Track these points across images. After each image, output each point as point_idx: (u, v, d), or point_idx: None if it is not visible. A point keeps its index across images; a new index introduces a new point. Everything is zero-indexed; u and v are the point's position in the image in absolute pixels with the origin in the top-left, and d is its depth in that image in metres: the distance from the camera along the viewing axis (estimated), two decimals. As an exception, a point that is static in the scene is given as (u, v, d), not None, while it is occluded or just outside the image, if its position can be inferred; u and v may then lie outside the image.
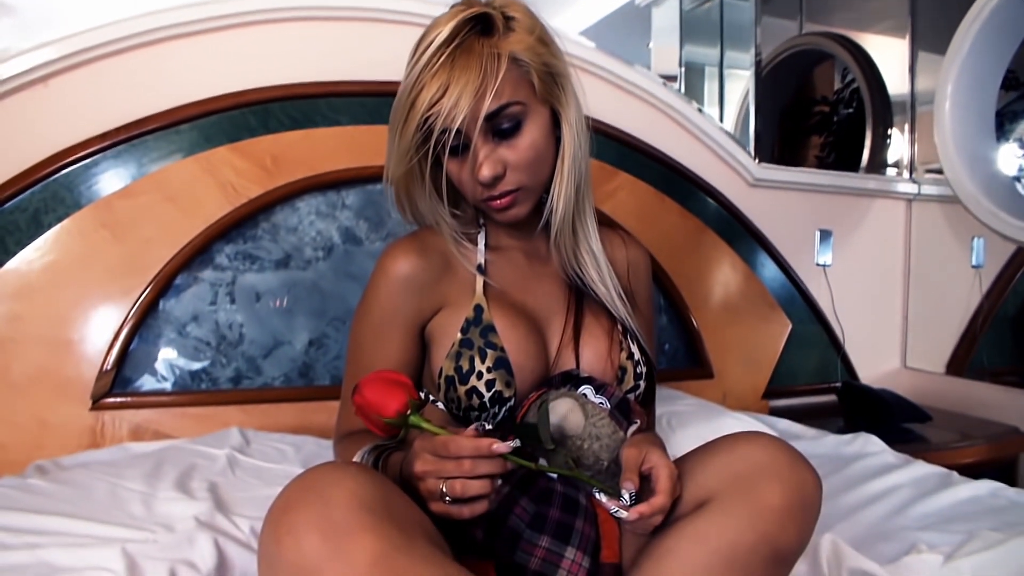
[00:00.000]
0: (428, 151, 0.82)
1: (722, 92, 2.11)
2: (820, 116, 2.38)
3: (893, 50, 2.32)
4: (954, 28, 1.87)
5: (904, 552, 0.92)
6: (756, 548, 0.66)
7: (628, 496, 0.70)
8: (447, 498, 0.64)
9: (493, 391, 0.82)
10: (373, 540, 0.54)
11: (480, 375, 0.82)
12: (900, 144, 2.32)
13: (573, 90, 0.88)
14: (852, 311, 2.11)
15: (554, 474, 0.77)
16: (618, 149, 1.74)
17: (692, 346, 1.85)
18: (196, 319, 1.38)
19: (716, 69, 2.11)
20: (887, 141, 2.32)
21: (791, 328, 1.98)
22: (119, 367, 1.30)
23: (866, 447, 1.41)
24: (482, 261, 0.91)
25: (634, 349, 0.91)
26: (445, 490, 0.64)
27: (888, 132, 2.32)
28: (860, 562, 0.86)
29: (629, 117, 1.76)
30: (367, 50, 1.50)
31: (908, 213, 2.28)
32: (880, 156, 2.32)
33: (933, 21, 2.25)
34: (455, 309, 0.88)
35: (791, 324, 1.98)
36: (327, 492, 0.56)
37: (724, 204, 1.90)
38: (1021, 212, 1.82)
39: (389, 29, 1.51)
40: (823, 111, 2.38)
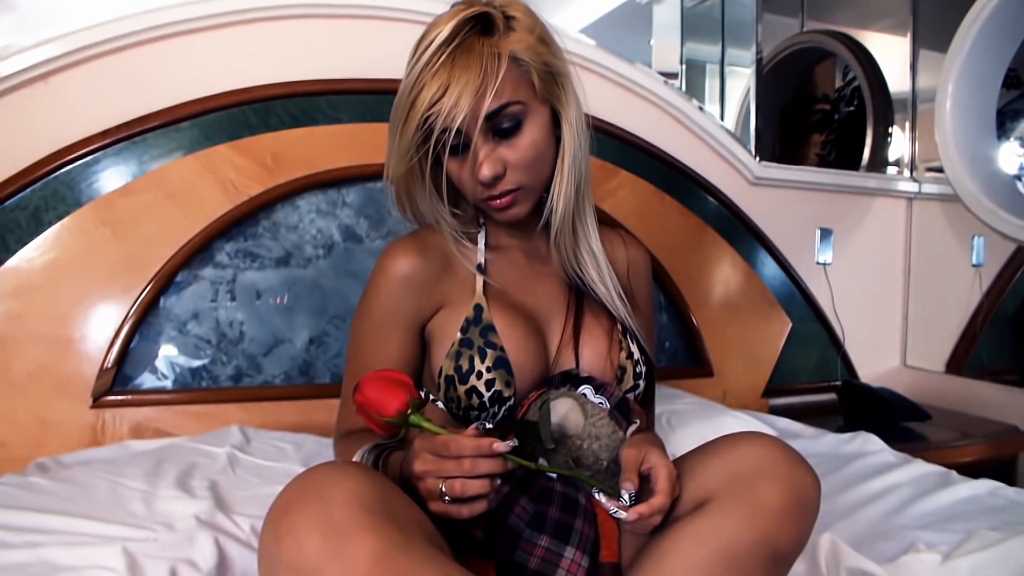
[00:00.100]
0: (428, 150, 0.82)
1: (723, 90, 2.10)
2: (821, 114, 2.37)
3: (894, 48, 2.31)
4: (955, 26, 1.87)
5: (903, 551, 0.92)
6: (755, 548, 0.67)
7: (627, 496, 0.70)
8: (447, 498, 0.64)
9: (493, 391, 0.82)
10: (373, 540, 0.54)
11: (480, 375, 0.82)
12: (901, 142, 2.31)
13: (573, 89, 0.88)
14: (852, 310, 2.11)
15: (554, 474, 0.77)
16: (618, 147, 1.74)
17: (692, 344, 1.85)
18: (196, 317, 1.38)
19: (717, 67, 2.10)
20: (888, 139, 2.32)
21: (791, 326, 1.98)
22: (120, 365, 1.30)
23: (865, 446, 1.41)
24: (482, 260, 0.91)
25: (634, 349, 0.91)
26: (445, 489, 0.64)
27: (889, 130, 2.31)
28: (859, 561, 0.86)
29: (630, 115, 1.76)
30: (368, 48, 1.50)
31: (908, 212, 2.28)
32: (881, 154, 2.32)
33: (934, 19, 2.25)
34: (455, 308, 0.88)
35: (791, 322, 1.98)
36: (327, 492, 0.56)
37: (724, 202, 1.90)
38: (1021, 211, 1.82)
39: (390, 27, 1.51)
40: (824, 109, 2.37)
